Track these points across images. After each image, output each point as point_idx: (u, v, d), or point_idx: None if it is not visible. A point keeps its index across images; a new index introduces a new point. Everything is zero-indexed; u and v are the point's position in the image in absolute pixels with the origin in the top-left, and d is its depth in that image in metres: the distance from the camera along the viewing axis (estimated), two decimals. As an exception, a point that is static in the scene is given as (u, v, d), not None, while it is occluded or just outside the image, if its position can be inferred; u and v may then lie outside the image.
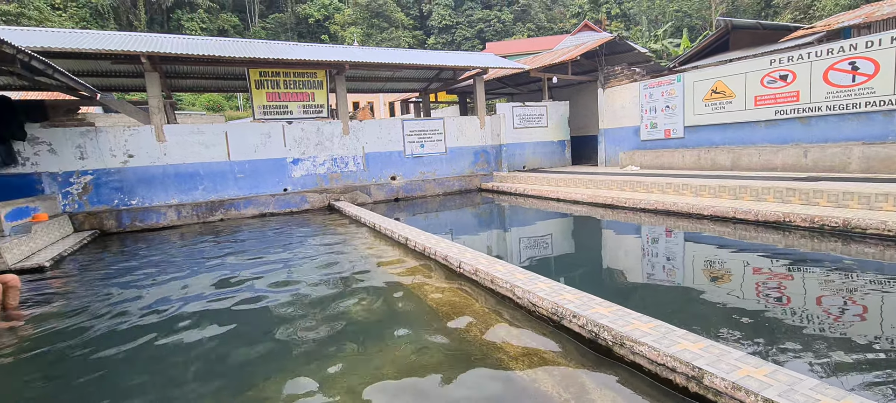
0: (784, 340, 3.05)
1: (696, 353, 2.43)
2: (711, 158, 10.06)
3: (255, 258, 6.38)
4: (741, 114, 9.49)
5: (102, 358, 3.34)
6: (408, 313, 3.88)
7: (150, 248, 7.61)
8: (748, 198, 7.04)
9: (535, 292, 3.56)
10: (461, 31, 48.59)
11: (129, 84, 12.82)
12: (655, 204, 7.78)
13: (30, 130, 8.84)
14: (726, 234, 6.09)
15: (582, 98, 16.21)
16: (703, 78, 10.15)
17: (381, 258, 5.87)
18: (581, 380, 2.70)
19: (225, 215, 10.50)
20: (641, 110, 11.87)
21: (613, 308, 3.15)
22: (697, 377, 2.29)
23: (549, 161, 14.59)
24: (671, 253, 5.70)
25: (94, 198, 9.43)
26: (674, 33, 34.39)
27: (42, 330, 4.05)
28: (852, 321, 3.34)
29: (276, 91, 10.98)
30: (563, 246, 6.69)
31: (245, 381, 2.88)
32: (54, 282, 5.72)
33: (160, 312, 4.27)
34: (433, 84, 16.43)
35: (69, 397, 2.87)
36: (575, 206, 9.28)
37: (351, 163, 11.96)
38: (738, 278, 4.45)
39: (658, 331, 2.73)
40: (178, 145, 10.02)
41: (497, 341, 3.20)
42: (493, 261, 4.59)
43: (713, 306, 3.78)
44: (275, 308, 4.23)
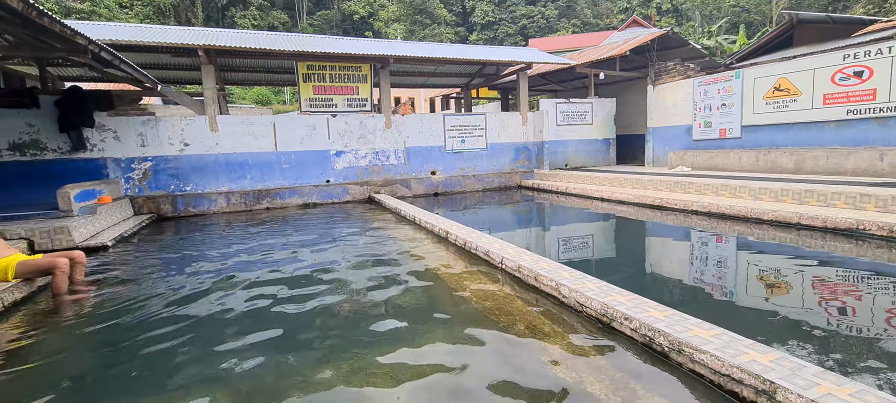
0: (863, 359, 2.76)
1: (766, 365, 2.23)
2: (771, 160, 9.41)
3: (302, 245, 6.53)
4: (807, 114, 8.81)
5: (160, 332, 3.48)
6: (446, 307, 3.83)
7: (203, 232, 7.96)
8: (815, 203, 6.51)
9: (583, 291, 3.42)
10: (504, 27, 48.08)
11: (185, 77, 13.50)
12: (709, 207, 7.36)
13: (98, 118, 9.46)
14: (789, 241, 5.66)
15: (629, 95, 15.62)
16: (766, 74, 9.50)
17: (420, 251, 5.86)
18: (631, 385, 2.55)
19: (271, 204, 10.85)
20: (694, 108, 11.27)
21: (668, 312, 2.97)
22: (769, 391, 2.10)
23: (592, 160, 14.16)
24: (726, 259, 5.34)
25: (153, 184, 9.98)
26: (729, 29, 32.50)
27: (105, 303, 4.30)
28: (946, 341, 2.98)
29: (322, 84, 11.22)
30: (607, 247, 6.44)
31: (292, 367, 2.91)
32: (116, 260, 6.07)
33: (213, 291, 4.42)
34: (475, 79, 16.31)
35: (129, 365, 3.00)
36: (620, 207, 8.93)
37: (392, 157, 12.06)
38: (803, 289, 4.10)
39: (721, 339, 2.54)
40: (229, 135, 10.43)
41: (540, 340, 3.08)
42: (536, 258, 4.46)
43: (777, 318, 3.49)
44: (317, 295, 4.28)
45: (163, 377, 2.83)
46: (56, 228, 6.56)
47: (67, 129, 9.15)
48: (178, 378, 2.79)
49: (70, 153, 9.35)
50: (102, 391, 2.73)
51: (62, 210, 7.48)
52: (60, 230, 6.58)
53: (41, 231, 6.48)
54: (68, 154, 9.33)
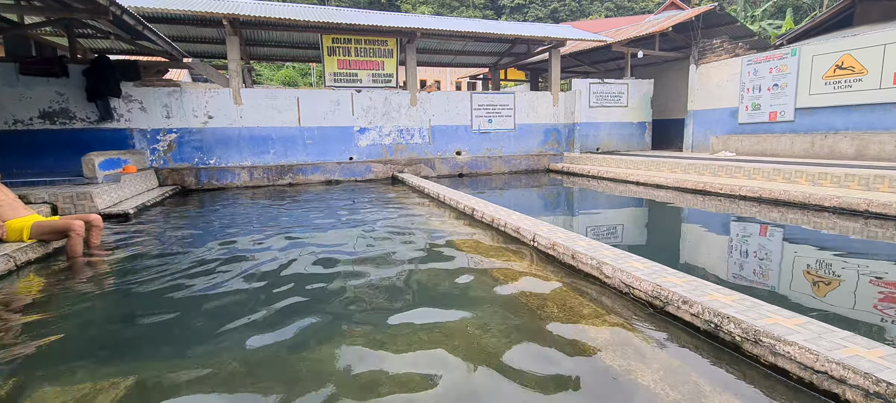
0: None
1: (876, 363, 1.79)
2: (829, 145, 8.61)
3: (326, 219, 6.29)
4: (874, 94, 7.98)
5: (174, 299, 3.27)
6: (474, 287, 3.47)
7: (226, 205, 7.84)
8: (887, 189, 5.83)
9: (630, 271, 3.00)
10: (534, 10, 46.74)
11: (211, 50, 13.43)
12: (759, 192, 6.73)
13: (124, 88, 9.44)
14: (855, 231, 5.04)
15: (667, 77, 14.76)
16: (827, 51, 8.66)
17: (446, 230, 5.51)
18: (693, 378, 2.14)
19: (293, 179, 10.70)
20: (742, 89, 10.46)
21: (736, 296, 2.53)
22: (887, 395, 1.66)
23: (625, 144, 13.46)
24: (784, 248, 4.79)
25: (177, 156, 9.95)
26: (775, 14, 30.54)
27: (121, 268, 4.13)
28: None
29: (347, 58, 10.92)
30: (645, 233, 5.94)
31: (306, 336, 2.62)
32: (137, 228, 5.96)
33: (234, 263, 4.20)
34: (504, 58, 15.73)
35: (139, 330, 2.78)
36: (658, 191, 8.34)
37: (416, 135, 11.72)
38: (880, 284, 3.56)
39: (809, 329, 2.10)
40: (253, 109, 10.29)
41: (580, 324, 2.70)
42: (573, 236, 4.04)
43: (857, 316, 3.00)
44: (339, 271, 4.01)
45: (172, 343, 2.59)
46: (79, 194, 6.51)
47: (95, 99, 9.16)
48: (187, 345, 2.55)
49: (98, 123, 9.38)
50: (111, 353, 2.51)
51: (87, 177, 7.46)
52: (83, 196, 6.53)
53: (64, 196, 6.43)
54: (96, 123, 9.36)
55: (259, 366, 2.29)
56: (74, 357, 2.47)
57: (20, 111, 8.94)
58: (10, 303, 3.25)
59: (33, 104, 8.99)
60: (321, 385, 2.11)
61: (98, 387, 2.14)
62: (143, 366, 2.32)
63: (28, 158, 8.81)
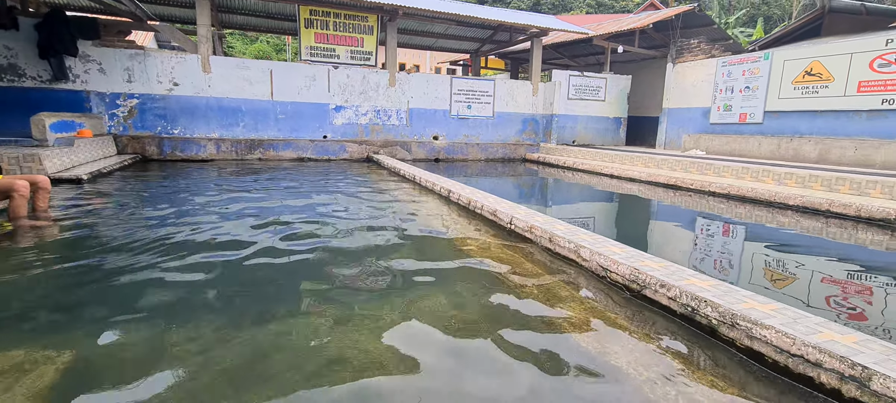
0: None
1: (851, 347, 1.79)
2: (794, 149, 8.93)
3: (296, 199, 6.05)
4: (838, 101, 8.29)
5: (123, 270, 3.02)
6: (448, 268, 3.37)
7: (190, 177, 7.44)
8: (847, 190, 6.06)
9: (607, 255, 2.96)
10: (516, 2, 46.62)
11: (179, 14, 12.70)
12: (728, 189, 6.90)
13: (82, 47, 8.81)
14: (816, 230, 5.22)
15: (644, 75, 14.97)
16: (798, 57, 8.93)
17: (422, 210, 5.39)
18: (667, 360, 2.11)
19: (263, 155, 10.31)
20: (715, 90, 10.71)
21: (712, 281, 2.52)
22: (860, 378, 1.66)
23: (601, 138, 13.62)
24: (749, 242, 4.90)
25: (139, 123, 9.40)
26: (747, 22, 31.56)
27: (68, 233, 3.83)
28: None
29: (325, 32, 10.54)
30: (618, 224, 5.98)
31: (267, 312, 2.46)
32: (90, 195, 5.57)
33: (192, 236, 3.95)
34: (486, 45, 15.58)
35: (83, 299, 2.55)
36: (630, 185, 8.45)
37: (394, 117, 11.48)
38: (846, 280, 3.67)
39: (784, 314, 2.09)
40: (222, 78, 9.80)
41: (556, 305, 2.64)
42: (550, 219, 4.00)
43: (826, 307, 3.06)
44: (305, 248, 3.83)
45: (117, 316, 2.37)
46: (26, 155, 6.03)
47: (48, 56, 8.50)
48: (133, 320, 2.34)
49: (50, 82, 8.73)
50: (50, 322, 2.28)
51: (36, 138, 6.93)
52: (31, 158, 6.05)
53: (10, 157, 5.95)
54: (48, 83, 8.71)
55: (217, 344, 2.13)
56: (9, 324, 2.24)
57: (-39, 64, 8.22)
58: (-64, 264, 2.94)
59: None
60: (287, 364, 1.97)
61: (32, 358, 1.93)
62: (83, 340, 2.11)
63: (-31, 115, 8.13)
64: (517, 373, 1.94)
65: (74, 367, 1.88)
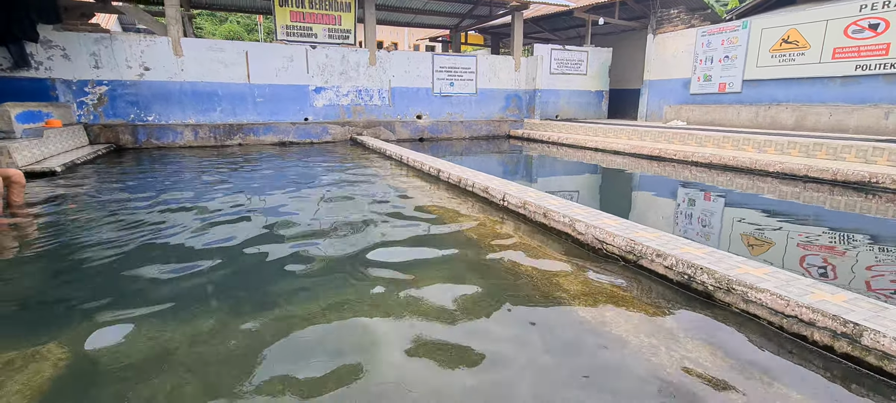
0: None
1: (842, 306, 1.87)
2: (771, 116, 9.13)
3: (280, 181, 5.94)
4: (814, 68, 8.47)
5: (105, 263, 2.93)
6: (444, 246, 3.37)
7: (168, 165, 7.22)
8: (824, 156, 6.26)
9: (603, 228, 3.01)
10: (493, -26, 45.82)
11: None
12: (711, 158, 7.04)
13: (42, 31, 8.34)
14: (794, 195, 5.39)
15: (624, 48, 15.00)
16: (775, 25, 9.05)
17: (413, 191, 5.36)
18: (667, 326, 2.17)
19: (243, 140, 10.05)
20: (695, 60, 10.81)
21: (707, 249, 2.59)
22: (852, 334, 1.74)
23: (583, 112, 13.68)
24: (733, 210, 5.03)
25: (110, 111, 9.02)
26: (723, -10, 31.77)
27: (46, 228, 3.68)
28: None
29: (301, 10, 10.20)
30: (605, 196, 6.06)
31: (263, 299, 2.43)
32: (64, 187, 5.36)
33: (174, 227, 3.84)
34: (466, 20, 15.33)
35: (69, 292, 2.47)
36: (615, 157, 8.55)
37: (376, 97, 11.29)
38: (824, 240, 3.81)
39: (777, 278, 2.17)
40: (196, 61, 9.44)
41: (555, 279, 2.68)
42: (543, 195, 4.02)
43: (814, 267, 3.18)
44: (301, 234, 3.77)
45: (105, 306, 2.31)
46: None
47: (6, 42, 8.03)
48: (119, 313, 2.29)
49: (11, 70, 8.27)
50: (40, 315, 2.21)
51: (2, 130, 6.59)
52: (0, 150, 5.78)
53: (-26, 150, 5.66)
54: (8, 71, 8.25)
55: (204, 334, 2.09)
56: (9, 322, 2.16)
57: (-89, 53, 7.70)
58: None
59: (-72, 45, 7.76)
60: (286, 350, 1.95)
61: (28, 355, 1.87)
62: (76, 336, 2.05)
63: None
64: (522, 345, 1.97)
65: (71, 362, 1.83)
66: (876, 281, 2.81)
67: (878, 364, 1.67)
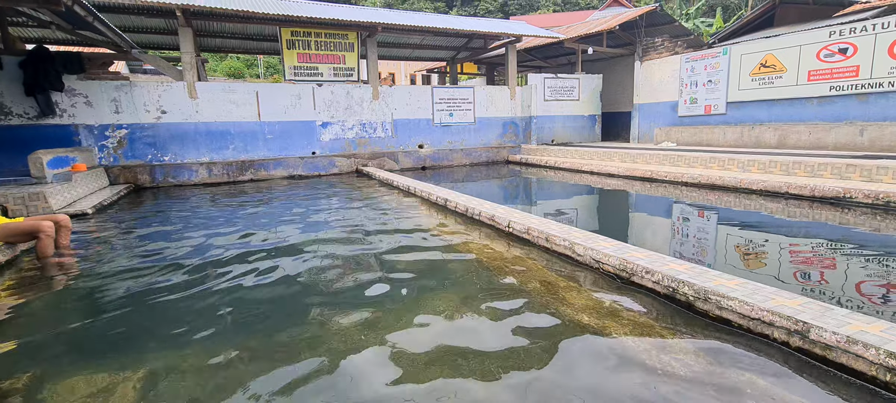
0: (875, 309, 2.87)
1: (796, 309, 2.28)
2: (756, 136, 9.67)
3: (293, 216, 6.36)
4: (792, 90, 9.05)
5: (152, 297, 3.32)
6: (456, 269, 3.78)
7: (187, 203, 7.65)
8: (803, 173, 6.73)
9: (599, 249, 3.43)
10: (485, 3, 47.41)
11: (158, 41, 12.80)
12: (699, 178, 7.52)
13: (67, 81, 8.88)
14: (777, 211, 5.83)
15: (614, 73, 15.70)
16: (753, 51, 9.67)
17: (420, 219, 5.78)
18: (657, 330, 2.57)
19: (255, 175, 10.52)
20: (681, 84, 11.43)
21: (687, 265, 3.01)
22: (802, 331, 2.15)
23: (578, 136, 14.25)
24: (720, 227, 5.47)
25: (129, 153, 9.50)
26: (707, 12, 33.04)
27: (91, 268, 4.08)
28: (943, 292, 3.13)
29: (307, 52, 10.82)
30: (601, 217, 6.50)
31: (282, 325, 2.82)
32: (97, 228, 5.77)
33: (200, 260, 4.25)
34: (461, 53, 16.07)
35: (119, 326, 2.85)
36: (609, 180, 9.03)
37: (379, 129, 11.83)
38: (798, 253, 4.23)
39: (745, 288, 2.58)
40: (209, 102, 9.99)
41: (559, 295, 3.08)
42: (545, 221, 4.45)
43: (787, 277, 3.59)
44: (316, 263, 4.18)
45: (155, 338, 2.70)
46: (31, 194, 6.17)
47: (34, 93, 8.56)
48: (170, 339, 2.68)
49: (37, 119, 8.77)
50: (94, 350, 2.58)
51: (34, 176, 7.05)
52: (36, 196, 6.19)
53: (15, 197, 6.08)
54: (36, 119, 8.75)
55: (246, 354, 2.48)
56: (80, 352, 2.54)
57: (-54, 106, 8.21)
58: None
59: (-38, 99, 8.28)
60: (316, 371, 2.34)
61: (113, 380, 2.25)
62: (145, 359, 2.43)
63: (-42, 158, 8.13)
64: (530, 345, 2.37)
65: (149, 383, 2.19)
66: (839, 286, 3.22)
67: (823, 354, 2.08)
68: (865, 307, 2.89)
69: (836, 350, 2.03)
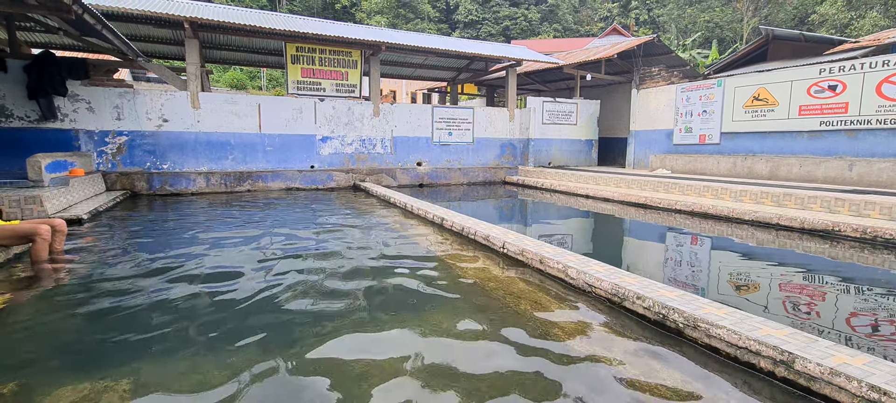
0: (861, 343, 2.92)
1: (782, 339, 2.33)
2: (748, 166, 9.83)
3: (289, 228, 6.38)
4: (783, 123, 9.25)
5: (137, 303, 3.33)
6: (448, 290, 3.81)
7: (181, 211, 7.66)
8: (793, 206, 6.84)
9: (592, 273, 3.48)
10: (487, 26, 48.31)
11: (164, 51, 12.95)
12: (692, 206, 7.62)
13: (71, 87, 8.96)
14: (767, 242, 5.92)
15: (611, 100, 15.98)
16: (746, 84, 9.91)
17: (415, 237, 5.82)
18: (646, 359, 2.61)
19: (252, 186, 10.55)
20: (676, 113, 11.65)
21: (678, 292, 3.06)
22: (787, 361, 2.19)
23: (575, 159, 14.42)
24: (711, 255, 5.55)
25: (128, 159, 9.53)
26: (703, 44, 33.83)
27: (86, 273, 4.08)
28: (927, 328, 3.19)
29: (311, 67, 10.98)
30: (595, 243, 6.56)
31: (283, 336, 2.84)
32: (93, 234, 5.78)
33: (194, 268, 4.26)
34: (462, 74, 16.33)
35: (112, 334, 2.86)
36: (605, 204, 9.12)
37: (379, 146, 11.93)
38: (785, 285, 4.30)
39: (734, 316, 2.63)
40: (211, 113, 10.08)
41: (549, 318, 3.12)
42: (539, 243, 4.50)
43: (775, 308, 3.65)
44: (308, 276, 4.20)
45: (147, 346, 2.70)
46: (27, 197, 6.17)
47: (37, 97, 8.62)
48: (163, 348, 2.69)
49: (39, 122, 8.81)
50: (87, 358, 2.58)
51: (32, 179, 7.05)
52: (32, 200, 6.19)
53: (11, 199, 6.07)
54: (37, 123, 8.80)
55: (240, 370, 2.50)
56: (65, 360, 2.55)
57: (-52, 106, 8.25)
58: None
59: (-36, 100, 8.33)
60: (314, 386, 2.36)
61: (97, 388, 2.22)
62: (133, 369, 2.42)
63: (-44, 158, 8.13)
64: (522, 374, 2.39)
65: (135, 393, 2.19)
66: (828, 318, 3.27)
67: (807, 385, 2.12)
68: (853, 339, 2.94)
69: (819, 382, 2.07)
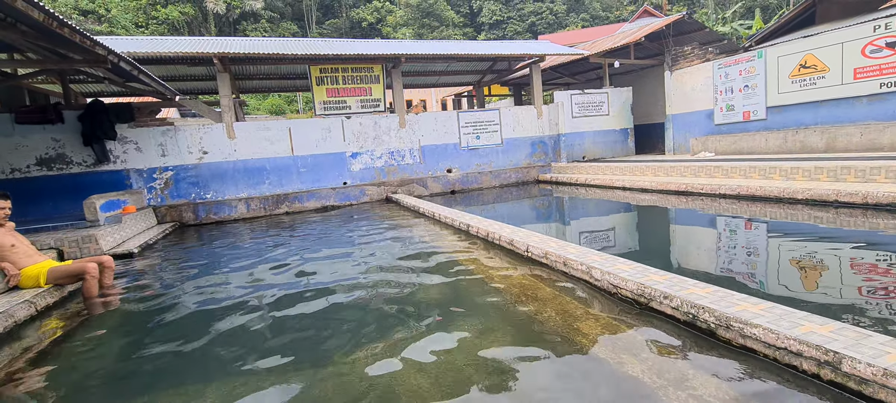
0: (929, 329, 2.58)
1: (826, 336, 2.08)
2: (801, 140, 9.07)
3: (325, 246, 6.52)
4: (837, 90, 8.47)
5: (193, 332, 3.47)
6: (474, 296, 3.72)
7: (227, 238, 8.02)
8: (853, 179, 6.23)
9: (617, 273, 3.29)
10: (512, 25, 47.84)
11: (201, 87, 13.71)
12: (738, 189, 7.11)
13: (119, 130, 9.64)
14: (826, 221, 5.40)
15: (645, 84, 15.30)
16: (790, 52, 9.17)
17: (444, 245, 5.77)
18: (677, 365, 2.41)
19: (290, 208, 10.90)
20: (715, 92, 10.96)
21: (710, 288, 2.82)
22: (833, 362, 1.95)
23: (610, 151, 13.90)
24: (761, 241, 5.12)
25: (174, 193, 10.12)
26: (744, 14, 31.71)
27: (135, 306, 4.32)
28: None
29: (335, 86, 11.25)
30: (633, 236, 6.25)
31: (324, 357, 2.86)
32: (142, 267, 6.14)
33: (241, 294, 4.41)
34: (487, 76, 16.19)
35: (162, 364, 2.98)
36: (643, 195, 8.70)
37: (407, 156, 12.02)
38: (846, 269, 3.88)
39: (772, 313, 2.39)
40: (246, 141, 10.53)
41: (574, 323, 2.96)
42: (563, 244, 4.33)
43: (826, 298, 3.30)
44: (345, 291, 4.24)
45: (199, 373, 2.79)
46: (84, 237, 6.67)
47: (91, 143, 9.34)
48: (215, 374, 2.76)
49: (94, 166, 9.54)
50: (137, 387, 2.71)
51: (89, 220, 7.61)
52: (88, 239, 6.69)
53: (70, 240, 6.59)
54: (92, 167, 9.52)
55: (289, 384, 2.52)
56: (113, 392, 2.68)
57: (17, 159, 9.09)
58: (38, 346, 3.43)
59: (30, 152, 9.15)
60: (346, 396, 2.34)
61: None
62: (175, 397, 2.53)
63: (27, 205, 8.90)
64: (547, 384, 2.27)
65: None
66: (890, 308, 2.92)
67: (858, 388, 1.87)
68: (920, 329, 2.60)
69: (873, 385, 1.82)
